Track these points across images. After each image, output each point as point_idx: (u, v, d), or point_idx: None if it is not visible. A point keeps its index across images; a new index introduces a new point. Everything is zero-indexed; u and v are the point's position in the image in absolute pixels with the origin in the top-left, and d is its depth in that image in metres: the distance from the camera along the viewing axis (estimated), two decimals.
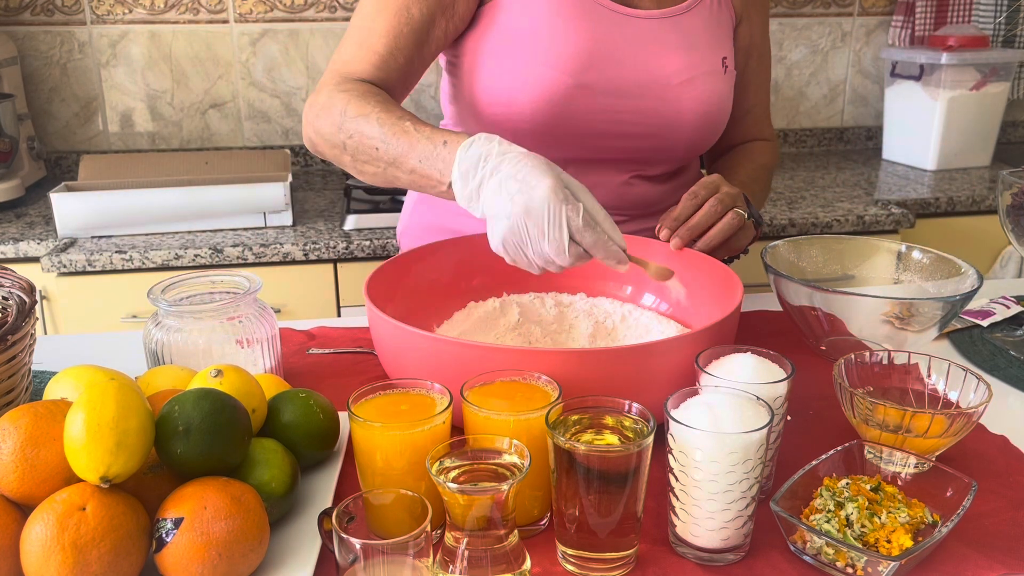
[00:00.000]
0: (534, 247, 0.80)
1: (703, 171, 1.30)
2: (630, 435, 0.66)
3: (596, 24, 1.03)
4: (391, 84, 1.01)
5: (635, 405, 0.67)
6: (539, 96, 1.01)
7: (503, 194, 0.80)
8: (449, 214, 1.17)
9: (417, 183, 0.89)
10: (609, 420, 0.67)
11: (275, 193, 1.81)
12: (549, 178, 0.78)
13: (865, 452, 0.75)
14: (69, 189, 1.80)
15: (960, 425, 0.75)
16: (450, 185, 0.85)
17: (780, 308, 1.04)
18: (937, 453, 0.77)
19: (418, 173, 0.88)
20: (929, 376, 0.83)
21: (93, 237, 1.78)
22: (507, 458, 0.63)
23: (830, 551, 0.65)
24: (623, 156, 1.09)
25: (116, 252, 1.69)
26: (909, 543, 0.64)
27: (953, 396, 0.81)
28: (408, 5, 0.99)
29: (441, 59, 1.12)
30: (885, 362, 0.84)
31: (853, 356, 0.84)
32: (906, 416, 0.75)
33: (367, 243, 1.73)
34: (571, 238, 0.79)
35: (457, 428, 0.73)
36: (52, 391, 0.75)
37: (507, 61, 1.02)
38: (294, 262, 1.76)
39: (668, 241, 0.98)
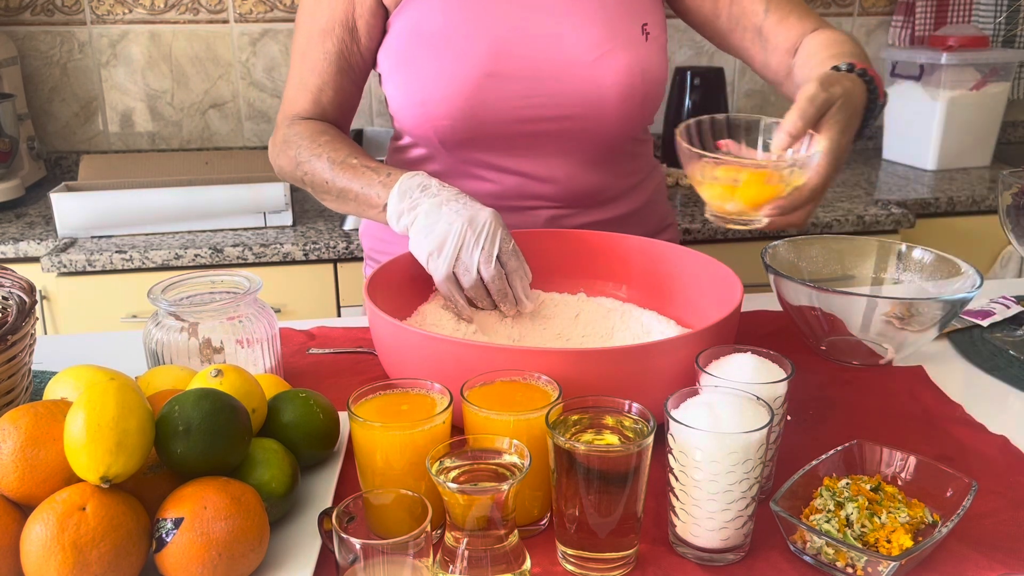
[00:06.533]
0: (465, 253, 0.91)
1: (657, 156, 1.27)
2: (630, 435, 0.66)
3: (498, 14, 1.04)
4: (330, 115, 1.13)
5: (635, 405, 0.67)
6: (452, 92, 1.04)
7: (445, 209, 0.92)
8: None
9: (360, 208, 1.03)
10: (609, 420, 0.67)
11: (275, 193, 1.81)
12: (490, 208, 0.93)
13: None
14: (69, 189, 1.81)
15: (788, 173, 0.75)
16: (385, 206, 0.98)
17: (780, 308, 1.04)
18: (770, 205, 0.77)
19: (360, 199, 1.02)
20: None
21: (93, 237, 1.78)
22: (507, 458, 0.63)
23: (830, 551, 0.65)
24: (553, 139, 1.09)
25: (116, 252, 1.69)
26: (909, 543, 0.64)
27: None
28: (323, 41, 1.09)
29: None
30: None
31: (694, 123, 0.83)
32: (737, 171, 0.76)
33: None
34: (498, 258, 0.92)
35: (457, 428, 0.73)
36: (52, 391, 0.75)
37: (417, 63, 1.06)
38: (294, 262, 1.76)
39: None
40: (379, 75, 1.14)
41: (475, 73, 1.03)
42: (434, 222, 0.92)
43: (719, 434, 0.62)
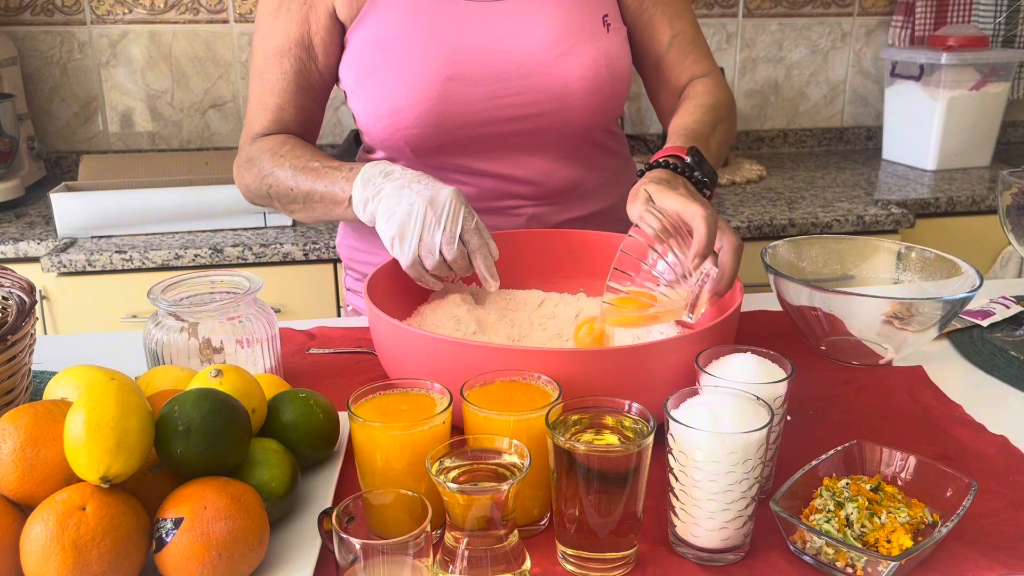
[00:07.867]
0: (428, 235, 0.90)
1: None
2: (630, 435, 0.66)
3: (456, 17, 1.04)
4: (293, 131, 1.12)
5: (635, 405, 0.67)
6: (417, 99, 1.03)
7: (407, 191, 0.92)
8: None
9: (327, 208, 1.02)
10: (609, 420, 0.67)
11: None
12: (452, 186, 0.93)
13: None
14: (69, 189, 1.81)
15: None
16: (351, 199, 0.97)
17: (780, 308, 1.04)
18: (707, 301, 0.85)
19: (326, 197, 1.01)
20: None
21: (93, 237, 1.78)
22: (507, 458, 0.63)
23: (830, 551, 0.65)
24: (525, 138, 1.08)
25: (116, 252, 1.69)
26: (909, 543, 0.64)
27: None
28: (279, 61, 1.09)
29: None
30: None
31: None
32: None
33: None
34: (460, 236, 0.91)
35: (457, 428, 0.73)
36: (52, 391, 0.75)
37: (379, 74, 1.05)
38: (294, 262, 1.76)
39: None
40: (344, 92, 1.13)
41: (438, 78, 1.03)
42: (395, 204, 0.92)
43: (719, 434, 0.62)
